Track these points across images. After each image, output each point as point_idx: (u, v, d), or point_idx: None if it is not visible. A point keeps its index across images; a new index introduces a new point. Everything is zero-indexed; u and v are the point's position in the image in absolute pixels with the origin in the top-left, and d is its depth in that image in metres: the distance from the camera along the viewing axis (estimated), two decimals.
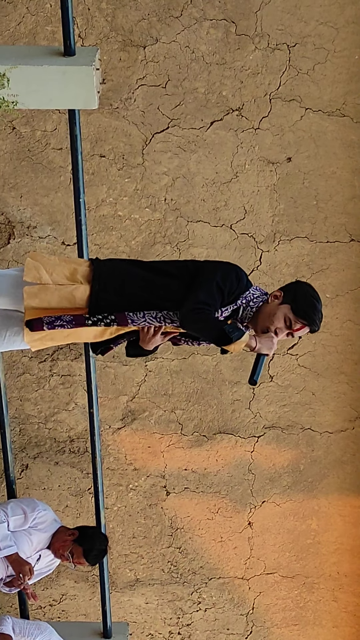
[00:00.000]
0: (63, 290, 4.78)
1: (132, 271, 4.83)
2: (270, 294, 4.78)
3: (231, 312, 4.77)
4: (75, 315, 4.78)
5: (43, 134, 6.45)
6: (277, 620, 7.97)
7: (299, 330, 4.67)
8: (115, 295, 4.74)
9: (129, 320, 4.74)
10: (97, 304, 4.74)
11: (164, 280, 4.77)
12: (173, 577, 7.81)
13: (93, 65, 5.51)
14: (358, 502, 7.46)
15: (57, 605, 7.95)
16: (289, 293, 4.73)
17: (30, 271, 4.83)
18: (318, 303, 4.77)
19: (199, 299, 4.61)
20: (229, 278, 4.71)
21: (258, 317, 4.75)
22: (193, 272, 4.77)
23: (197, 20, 6.15)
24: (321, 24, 6.14)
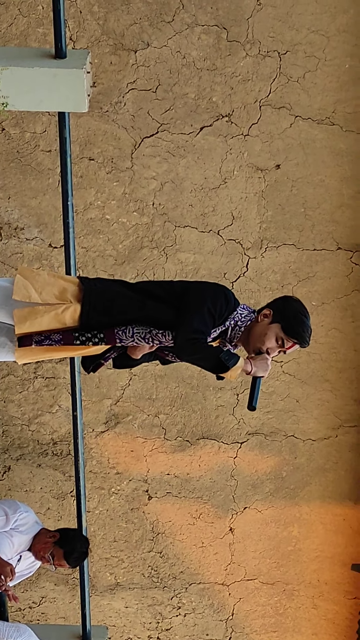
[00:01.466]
0: (52, 312, 4.77)
1: (121, 292, 4.83)
2: (259, 313, 4.77)
3: (219, 333, 4.77)
4: (64, 333, 4.78)
5: (32, 136, 6.45)
6: (256, 626, 7.97)
7: (291, 348, 4.68)
8: (105, 315, 4.73)
9: (117, 339, 4.74)
10: (87, 324, 4.74)
11: (154, 304, 4.76)
12: (153, 581, 7.81)
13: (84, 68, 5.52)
14: (339, 510, 7.48)
15: (36, 608, 7.94)
16: (278, 311, 4.72)
17: (19, 290, 4.82)
18: (307, 319, 4.77)
19: (193, 327, 4.60)
20: (219, 302, 4.70)
21: (249, 338, 4.74)
22: (180, 294, 4.75)
23: (189, 25, 6.15)
24: (312, 32, 6.15)
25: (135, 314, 4.73)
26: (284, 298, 4.85)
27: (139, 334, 4.75)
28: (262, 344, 4.69)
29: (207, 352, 4.60)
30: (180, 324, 4.62)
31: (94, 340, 4.75)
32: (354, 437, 7.22)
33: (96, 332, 4.75)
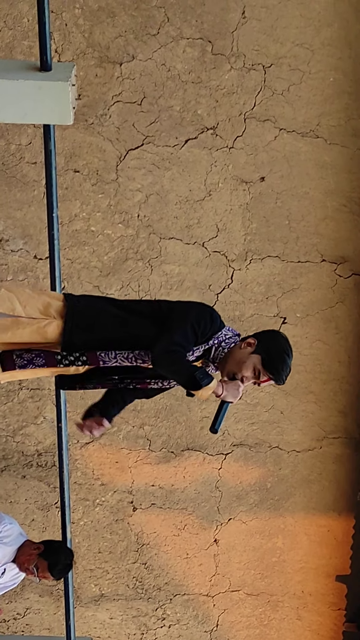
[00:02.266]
0: (35, 325, 4.76)
1: (105, 309, 4.81)
2: (244, 340, 4.75)
3: (203, 351, 4.76)
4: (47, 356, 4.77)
5: (17, 148, 6.44)
6: (241, 637, 7.97)
7: (265, 382, 4.66)
8: (87, 333, 4.71)
9: (100, 361, 4.74)
10: (70, 341, 4.73)
11: (137, 320, 4.75)
12: (138, 592, 7.80)
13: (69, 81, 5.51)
14: (324, 521, 7.48)
15: (21, 619, 7.92)
16: (263, 344, 4.71)
17: (4, 302, 4.81)
18: (289, 358, 4.75)
19: (173, 340, 4.59)
20: (203, 319, 4.69)
21: (227, 361, 4.73)
22: (166, 312, 4.75)
23: (174, 38, 6.16)
24: (297, 45, 6.16)
25: (117, 331, 4.71)
26: (273, 332, 4.84)
27: (121, 355, 4.74)
28: (239, 371, 4.68)
29: (183, 367, 4.59)
30: (161, 336, 4.62)
31: (77, 363, 4.74)
32: (337, 448, 7.23)
33: (79, 355, 4.74)
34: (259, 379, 4.66)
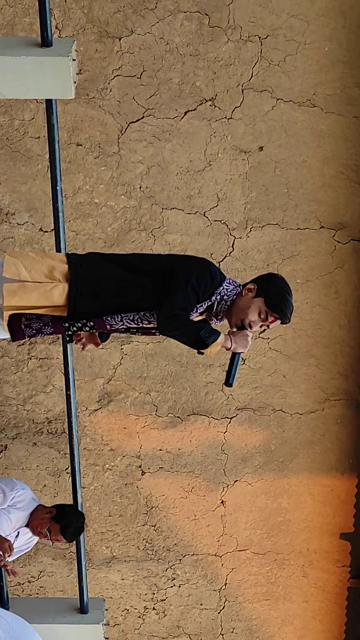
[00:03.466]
0: (42, 289, 4.76)
1: (108, 271, 4.79)
2: (244, 287, 4.76)
3: (206, 307, 4.76)
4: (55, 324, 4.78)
5: (21, 123, 6.44)
6: (249, 595, 8.01)
7: (273, 323, 4.67)
8: (92, 300, 4.71)
9: (107, 324, 4.74)
10: (76, 309, 4.73)
11: (139, 280, 4.74)
12: (148, 554, 7.83)
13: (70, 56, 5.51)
14: (327, 481, 7.51)
15: (35, 582, 7.97)
16: (262, 286, 4.71)
17: (9, 267, 4.81)
18: (289, 296, 4.75)
19: (175, 304, 4.58)
20: (203, 278, 4.68)
21: (232, 310, 4.73)
22: (167, 270, 4.73)
23: (171, 12, 6.15)
24: (292, 16, 6.15)
25: (121, 297, 4.72)
26: (269, 275, 4.84)
27: (127, 317, 4.74)
28: (245, 317, 4.68)
29: (188, 329, 4.59)
30: (163, 301, 4.63)
31: (85, 329, 4.76)
32: (339, 410, 7.25)
33: (86, 322, 4.76)
34: (266, 321, 4.67)
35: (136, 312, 4.75)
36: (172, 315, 4.59)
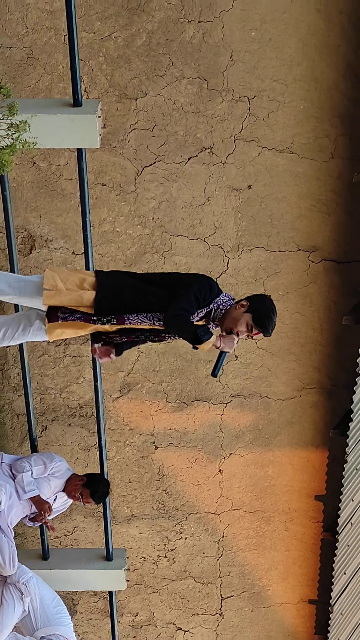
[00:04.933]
0: (74, 294, 4.81)
1: (128, 282, 4.87)
2: (238, 302, 4.80)
3: (205, 313, 4.81)
4: (84, 315, 4.82)
5: (57, 167, 6.45)
6: (241, 545, 8.00)
7: (256, 334, 4.73)
8: (115, 301, 4.78)
9: (126, 320, 4.79)
10: (101, 308, 4.77)
11: (152, 289, 4.80)
12: (160, 512, 7.83)
13: (96, 114, 5.52)
14: (304, 453, 7.49)
15: (70, 536, 7.96)
16: (253, 305, 4.77)
17: (48, 280, 4.87)
18: (274, 316, 4.81)
19: (180, 306, 4.65)
20: (204, 289, 4.75)
21: (225, 319, 4.78)
22: (175, 282, 4.80)
23: (177, 78, 6.15)
24: (274, 81, 6.15)
25: (137, 300, 4.79)
26: (261, 295, 4.90)
27: (142, 315, 4.80)
28: (235, 326, 4.74)
29: (188, 327, 4.65)
30: (171, 304, 4.68)
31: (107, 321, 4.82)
32: (314, 396, 7.24)
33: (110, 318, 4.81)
34: (252, 332, 4.72)
35: (148, 312, 4.80)
36: (177, 314, 4.65)
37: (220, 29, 5.99)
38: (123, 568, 7.42)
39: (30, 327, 5.03)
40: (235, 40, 6.01)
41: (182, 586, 8.21)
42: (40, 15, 5.96)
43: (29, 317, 5.04)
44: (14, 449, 7.47)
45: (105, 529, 7.27)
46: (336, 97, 6.14)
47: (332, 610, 7.96)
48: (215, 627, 8.47)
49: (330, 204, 6.49)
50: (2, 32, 5.99)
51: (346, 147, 6.29)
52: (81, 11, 5.93)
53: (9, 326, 5.03)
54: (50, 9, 5.94)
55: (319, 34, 5.97)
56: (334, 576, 7.73)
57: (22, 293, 4.97)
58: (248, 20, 5.96)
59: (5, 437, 7.46)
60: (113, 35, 6.03)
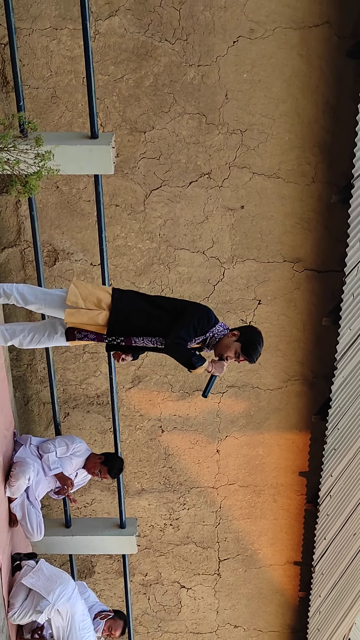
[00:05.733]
0: (91, 314, 4.85)
1: (139, 306, 4.90)
2: (230, 331, 4.85)
3: (201, 340, 4.85)
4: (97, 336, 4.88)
5: (77, 191, 6.46)
6: (236, 515, 8.00)
7: (243, 361, 4.79)
8: (125, 324, 4.83)
9: (132, 341, 4.85)
10: (112, 329, 4.82)
11: (159, 314, 4.84)
12: (166, 487, 7.83)
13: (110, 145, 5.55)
14: (289, 436, 7.50)
15: (89, 507, 7.97)
16: (243, 335, 4.83)
17: (71, 296, 4.91)
18: (260, 346, 4.86)
19: (179, 335, 4.71)
20: (202, 321, 4.80)
21: (218, 345, 4.84)
22: (180, 310, 4.85)
23: (180, 114, 6.16)
24: (263, 116, 6.16)
25: (144, 325, 4.83)
26: (250, 328, 4.97)
27: (146, 339, 4.85)
28: (225, 353, 4.80)
29: (184, 355, 4.70)
30: (172, 332, 4.71)
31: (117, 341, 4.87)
32: (298, 387, 7.24)
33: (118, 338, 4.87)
34: (239, 359, 4.76)
35: (152, 336, 4.84)
36: (175, 342, 4.70)
37: (216, 71, 6.00)
38: (134, 535, 7.43)
39: (55, 334, 5.07)
40: (229, 81, 6.03)
41: (185, 550, 8.21)
42: (63, 60, 5.98)
43: (54, 325, 5.08)
44: (41, 432, 7.49)
45: (119, 501, 7.29)
46: (316, 130, 6.15)
47: (314, 570, 7.97)
48: (213, 585, 8.48)
49: (312, 221, 6.50)
50: (30, 75, 6.01)
51: (325, 172, 6.30)
52: (97, 57, 5.95)
53: (36, 332, 5.07)
54: (71, 55, 5.96)
55: (301, 75, 5.98)
56: (316, 541, 7.75)
57: (47, 304, 5.01)
58: (240, 64, 5.97)
59: (33, 422, 7.47)
60: (125, 78, 6.04)
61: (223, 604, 8.62)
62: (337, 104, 6.01)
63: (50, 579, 6.25)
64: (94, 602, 6.93)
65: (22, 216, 6.50)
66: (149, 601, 8.62)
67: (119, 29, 5.88)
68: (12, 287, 5.04)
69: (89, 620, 6.38)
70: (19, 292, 5.02)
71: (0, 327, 5.07)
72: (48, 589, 6.14)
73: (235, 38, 5.89)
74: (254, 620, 8.73)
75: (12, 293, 5.01)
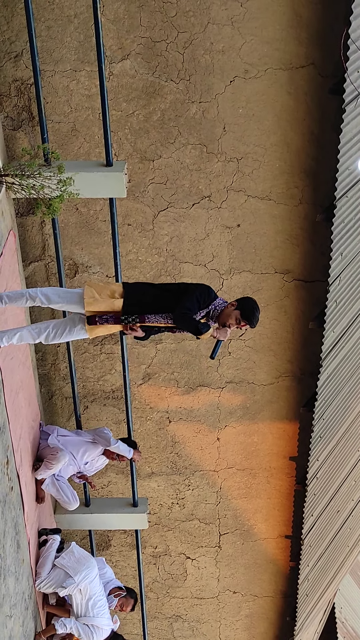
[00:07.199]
0: (108, 302, 4.88)
1: (147, 290, 4.92)
2: (229, 303, 4.85)
3: (205, 313, 4.86)
4: (115, 318, 4.88)
5: (94, 212, 6.46)
6: (235, 495, 7.98)
7: (244, 326, 4.77)
8: (137, 306, 4.84)
9: (146, 319, 4.85)
10: (127, 311, 4.83)
11: (166, 294, 4.87)
12: (173, 470, 7.82)
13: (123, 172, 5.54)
14: (281, 425, 7.48)
15: (105, 488, 7.96)
16: (240, 304, 4.82)
17: (87, 293, 4.93)
18: (257, 311, 4.84)
19: (185, 306, 4.72)
20: (204, 294, 4.81)
21: (220, 316, 4.84)
22: (183, 289, 4.88)
23: (184, 144, 6.16)
24: (256, 146, 6.15)
25: (154, 304, 4.86)
26: (247, 297, 4.97)
27: (159, 315, 4.86)
28: (227, 320, 4.82)
29: (192, 322, 4.74)
30: (179, 304, 4.76)
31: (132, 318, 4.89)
32: (287, 383, 7.22)
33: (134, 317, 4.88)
34: (240, 325, 4.77)
35: (162, 312, 4.86)
36: (183, 312, 4.74)
37: (215, 107, 5.99)
38: (145, 512, 7.42)
39: (75, 328, 5.08)
40: (227, 115, 6.02)
41: (190, 525, 8.19)
42: (81, 98, 5.98)
43: (73, 321, 5.09)
44: (63, 424, 7.48)
45: (132, 483, 7.28)
46: (303, 158, 6.14)
47: (303, 543, 7.94)
48: (215, 556, 8.45)
49: (299, 238, 6.48)
50: (52, 111, 6.00)
51: (311, 195, 6.28)
52: (111, 95, 5.95)
53: (58, 328, 5.08)
54: (88, 93, 5.96)
55: (289, 110, 5.97)
56: (304, 517, 7.72)
57: (68, 301, 5.04)
58: (236, 101, 5.96)
59: (57, 415, 7.46)
60: (135, 113, 6.04)
61: (223, 573, 8.59)
62: (321, 134, 6.00)
63: (79, 561, 6.36)
64: (110, 577, 6.94)
65: (47, 234, 6.50)
66: (158, 570, 8.59)
67: (130, 70, 5.87)
68: (36, 290, 5.09)
69: (105, 600, 6.47)
70: (43, 293, 5.06)
71: (27, 328, 5.09)
72: (75, 570, 6.26)
73: (231, 78, 5.88)
74: (250, 586, 8.71)
75: (37, 295, 5.05)
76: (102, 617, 6.35)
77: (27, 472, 6.14)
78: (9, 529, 5.40)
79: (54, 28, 5.71)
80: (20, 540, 5.82)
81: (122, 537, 8.28)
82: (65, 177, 4.89)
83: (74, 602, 6.32)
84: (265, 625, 9.06)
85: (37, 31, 5.66)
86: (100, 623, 6.32)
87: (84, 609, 6.28)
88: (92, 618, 6.28)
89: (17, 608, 5.61)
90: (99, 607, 6.34)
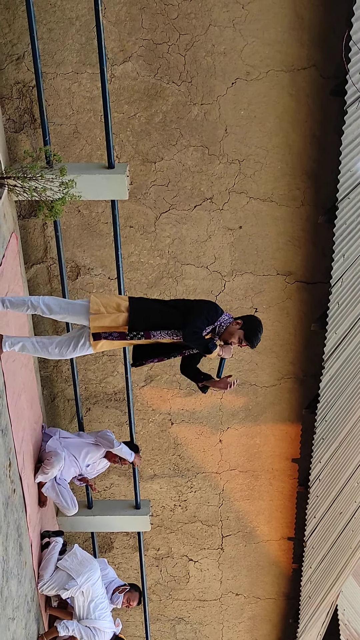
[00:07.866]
0: (112, 316, 4.86)
1: (153, 307, 4.93)
2: (235, 320, 4.89)
3: (211, 329, 4.88)
4: (119, 332, 4.86)
5: (96, 214, 6.46)
6: (237, 497, 7.98)
7: (245, 345, 4.81)
8: (143, 322, 4.84)
9: (152, 335, 4.85)
10: (132, 327, 4.83)
11: (172, 312, 4.87)
12: (175, 472, 7.81)
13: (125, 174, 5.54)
14: (283, 427, 7.48)
15: (108, 490, 7.96)
16: (245, 323, 4.87)
17: (93, 305, 4.92)
18: (260, 333, 4.91)
19: (196, 324, 4.75)
20: (211, 312, 4.85)
21: (224, 333, 4.86)
22: (189, 307, 4.91)
23: (185, 146, 6.16)
24: (258, 148, 6.16)
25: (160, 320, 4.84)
26: (252, 316, 5.02)
27: (164, 332, 4.85)
28: (230, 339, 4.84)
29: (201, 341, 4.72)
30: (189, 322, 4.74)
31: (138, 336, 4.85)
32: (289, 384, 7.22)
33: (139, 335, 4.86)
34: (242, 344, 4.77)
35: (169, 330, 4.84)
36: (193, 331, 4.73)
37: (217, 109, 6.00)
38: (148, 514, 7.41)
39: (79, 344, 5.06)
40: (228, 117, 6.02)
41: (192, 527, 8.19)
42: (83, 100, 5.99)
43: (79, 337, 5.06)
44: (66, 426, 7.48)
45: (135, 485, 7.27)
46: (305, 160, 6.14)
47: (305, 545, 7.93)
48: (217, 559, 8.44)
49: (301, 239, 6.48)
50: (54, 113, 6.01)
51: (312, 197, 6.28)
52: (113, 97, 5.95)
53: (63, 345, 5.06)
54: (90, 95, 5.96)
55: (291, 112, 5.97)
56: (307, 519, 7.71)
57: (70, 313, 5.01)
58: (238, 103, 5.97)
59: (59, 417, 7.46)
60: (137, 115, 6.04)
61: (226, 575, 8.58)
62: (323, 136, 6.00)
63: (82, 564, 6.37)
64: (113, 578, 6.94)
65: (49, 236, 6.50)
66: (161, 573, 8.58)
67: (132, 72, 5.88)
68: (38, 299, 5.04)
69: (107, 602, 6.48)
70: (45, 303, 5.01)
71: (32, 339, 5.06)
72: (78, 572, 6.27)
73: (233, 80, 5.88)
74: (253, 589, 8.69)
75: (39, 305, 5.00)
76: (104, 619, 6.35)
77: (30, 474, 6.13)
78: (12, 532, 5.39)
79: (55, 30, 5.72)
80: (23, 543, 5.81)
81: (125, 540, 8.27)
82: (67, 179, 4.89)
83: (76, 604, 6.32)
84: (268, 628, 9.05)
85: (39, 33, 5.66)
86: (102, 625, 6.32)
87: (86, 611, 6.29)
88: (94, 620, 6.28)
89: (19, 610, 5.60)
90: (100, 609, 6.35)
